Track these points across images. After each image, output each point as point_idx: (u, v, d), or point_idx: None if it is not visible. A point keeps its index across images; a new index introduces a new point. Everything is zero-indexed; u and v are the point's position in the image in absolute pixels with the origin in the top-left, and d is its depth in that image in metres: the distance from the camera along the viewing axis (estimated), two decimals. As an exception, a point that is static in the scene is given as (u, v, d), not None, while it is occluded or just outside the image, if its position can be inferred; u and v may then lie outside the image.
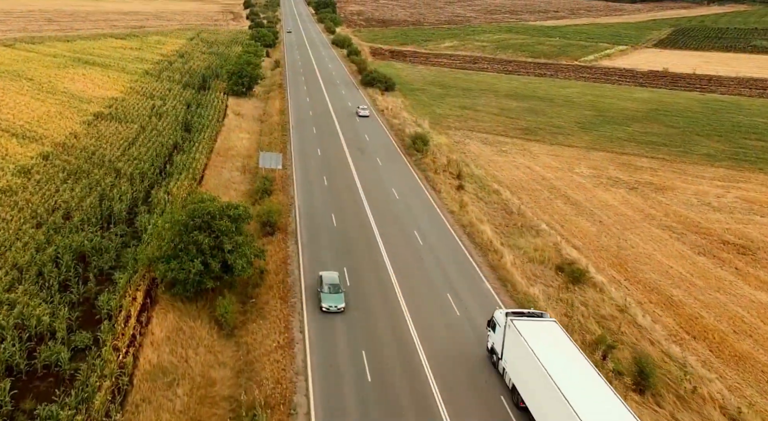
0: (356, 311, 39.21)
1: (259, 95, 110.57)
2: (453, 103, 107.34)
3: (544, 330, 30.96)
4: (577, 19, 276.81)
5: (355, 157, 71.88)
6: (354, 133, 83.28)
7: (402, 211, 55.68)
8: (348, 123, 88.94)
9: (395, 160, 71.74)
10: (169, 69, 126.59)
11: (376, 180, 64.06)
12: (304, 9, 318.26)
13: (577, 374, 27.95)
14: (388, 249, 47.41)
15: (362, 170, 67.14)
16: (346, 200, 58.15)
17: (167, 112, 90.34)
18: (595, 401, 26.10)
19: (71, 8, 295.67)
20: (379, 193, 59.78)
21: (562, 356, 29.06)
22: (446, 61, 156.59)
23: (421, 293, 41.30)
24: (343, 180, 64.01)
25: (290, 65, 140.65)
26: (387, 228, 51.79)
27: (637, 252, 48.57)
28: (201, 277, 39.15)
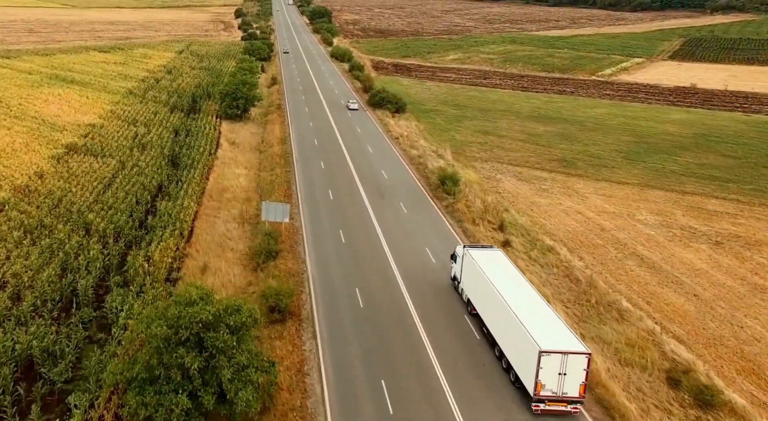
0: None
1: (256, 119, 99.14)
2: (472, 126, 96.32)
3: (491, 257, 40.53)
4: (581, 28, 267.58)
5: (374, 203, 60.59)
6: (369, 168, 72.02)
7: (444, 283, 44.41)
8: (360, 155, 77.67)
9: (422, 205, 60.45)
10: (155, 88, 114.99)
11: (405, 236, 52.75)
12: (298, 18, 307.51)
13: (514, 286, 36.51)
14: (438, 351, 35.27)
15: (385, 221, 55.83)
16: (372, 267, 46.83)
17: (152, 143, 78.73)
18: (526, 303, 34.41)
19: (55, 18, 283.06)
20: (412, 258, 48.40)
21: (504, 274, 37.95)
22: (455, 76, 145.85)
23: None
24: (364, 236, 52.69)
25: (288, 82, 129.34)
26: (429, 311, 40.42)
27: (766, 347, 37.53)
28: (188, 416, 27.71)
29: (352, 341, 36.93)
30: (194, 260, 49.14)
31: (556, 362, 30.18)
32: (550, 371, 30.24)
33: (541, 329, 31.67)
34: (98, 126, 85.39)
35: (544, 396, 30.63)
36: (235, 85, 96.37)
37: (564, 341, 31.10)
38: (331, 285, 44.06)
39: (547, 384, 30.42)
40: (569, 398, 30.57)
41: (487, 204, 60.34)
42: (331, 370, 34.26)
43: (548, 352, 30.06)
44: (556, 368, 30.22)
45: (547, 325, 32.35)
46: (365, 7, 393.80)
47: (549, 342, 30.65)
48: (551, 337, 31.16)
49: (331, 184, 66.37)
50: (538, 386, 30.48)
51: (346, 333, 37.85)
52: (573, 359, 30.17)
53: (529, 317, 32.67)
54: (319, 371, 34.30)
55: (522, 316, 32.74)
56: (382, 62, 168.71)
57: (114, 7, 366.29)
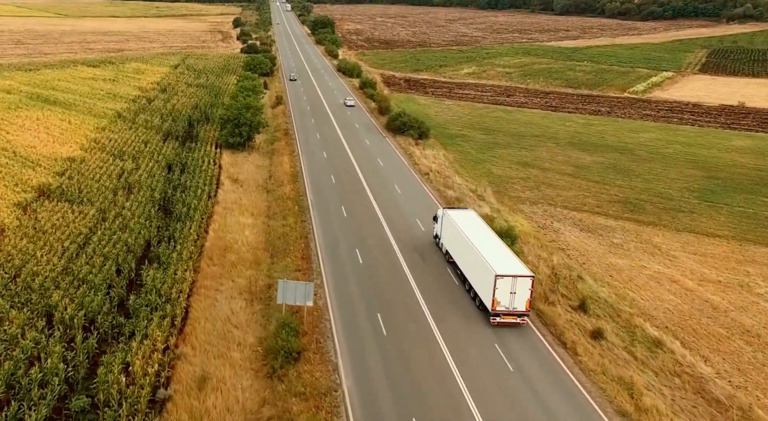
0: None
1: (262, 147, 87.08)
2: (508, 156, 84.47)
3: (465, 215, 49.27)
4: (594, 39, 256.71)
5: (414, 267, 48.55)
6: (400, 216, 60.02)
7: (534, 409, 32.29)
8: (387, 197, 65.69)
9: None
10: (147, 109, 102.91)
11: (462, 320, 40.93)
12: (299, 28, 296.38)
13: (479, 233, 45.36)
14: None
15: (431, 297, 43.72)
16: (427, 376, 34.65)
17: (140, 183, 66.55)
18: (488, 244, 43.32)
19: (45, 28, 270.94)
20: (481, 363, 36.33)
21: (473, 227, 46.77)
22: (474, 93, 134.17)
23: None
24: (408, 320, 40.60)
25: (295, 101, 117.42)
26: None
27: None
28: None
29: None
30: (189, 365, 36.87)
31: (507, 284, 38.48)
32: (504, 291, 38.50)
33: (498, 260, 40.47)
34: (78, 160, 73.17)
35: (500, 311, 38.97)
36: (237, 109, 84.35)
37: (514, 267, 39.92)
38: (380, 411, 31.82)
39: (501, 301, 38.68)
40: (518, 312, 39.13)
41: (554, 268, 48.33)
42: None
43: (502, 275, 38.56)
44: (508, 288, 38.47)
45: (503, 257, 41.27)
46: (366, 16, 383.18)
47: (503, 268, 39.32)
48: (504, 265, 39.97)
49: (358, 239, 54.21)
50: (495, 302, 38.75)
51: None
52: (521, 281, 38.65)
53: (489, 253, 41.41)
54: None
55: (483, 252, 41.46)
56: (393, 77, 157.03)
57: (108, 17, 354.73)
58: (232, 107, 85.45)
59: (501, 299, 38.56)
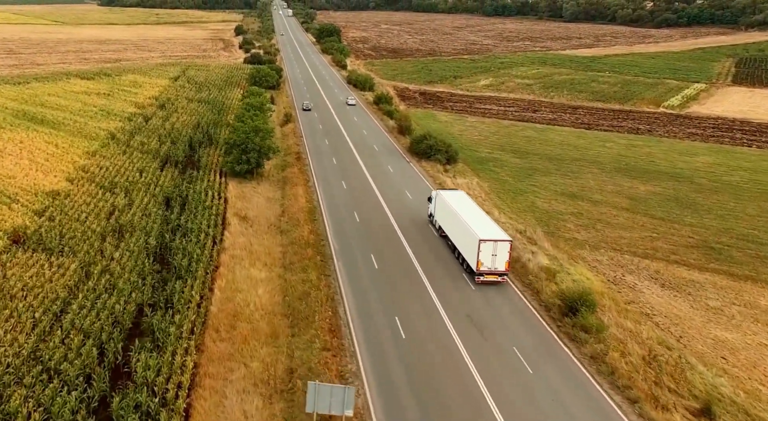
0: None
1: (272, 175, 77.38)
2: (550, 185, 74.80)
3: (456, 195, 56.18)
4: (609, 47, 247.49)
5: (469, 341, 38.68)
6: (441, 267, 50.23)
7: None
8: (419, 239, 55.94)
9: (545, 346, 38.60)
10: (143, 130, 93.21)
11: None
12: (303, 36, 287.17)
13: (467, 208, 52.12)
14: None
15: (504, 399, 33.80)
16: None
17: (133, 224, 56.75)
18: (473, 216, 50.37)
19: (40, 36, 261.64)
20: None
21: (462, 204, 53.27)
22: (497, 109, 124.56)
23: None
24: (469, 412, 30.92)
25: (305, 120, 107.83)
26: None
27: None
28: None
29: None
30: None
31: (489, 247, 45.47)
32: (486, 253, 45.51)
33: (481, 227, 47.84)
34: (63, 195, 63.40)
35: (483, 271, 46.05)
36: (244, 133, 74.65)
37: (495, 233, 47.24)
38: None
39: (484, 262, 45.74)
40: (499, 272, 46.24)
41: (650, 348, 38.45)
42: None
43: (485, 240, 45.64)
44: (490, 251, 45.46)
45: (486, 225, 48.70)
46: (371, 23, 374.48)
47: (485, 234, 46.53)
48: (487, 231, 47.28)
49: (396, 302, 44.35)
50: (479, 263, 45.79)
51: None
52: (501, 245, 45.71)
53: (474, 223, 48.70)
54: None
55: (469, 222, 48.80)
56: (407, 90, 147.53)
57: (106, 24, 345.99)
58: (238, 130, 75.73)
59: (484, 261, 45.50)
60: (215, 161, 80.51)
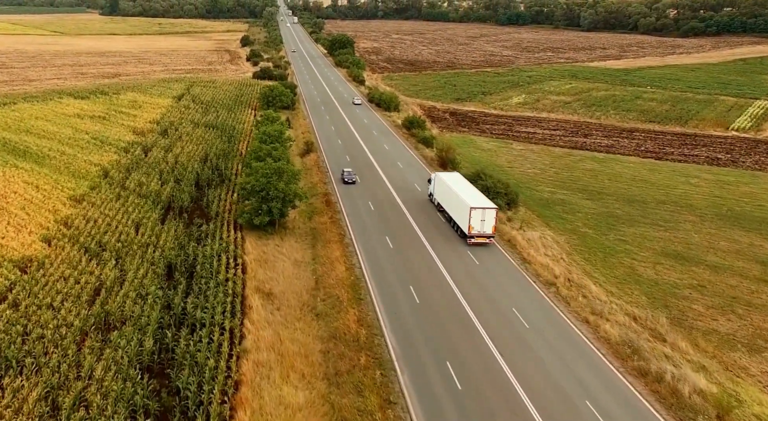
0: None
1: (297, 227, 63.24)
2: (643, 240, 60.49)
3: (452, 176, 66.35)
4: (639, 58, 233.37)
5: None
6: (557, 397, 36.06)
7: None
8: (508, 337, 41.78)
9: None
10: (142, 165, 79.25)
11: None
12: (313, 47, 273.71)
13: (461, 184, 62.73)
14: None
15: None
16: None
17: (124, 314, 42.70)
18: (465, 190, 60.74)
19: (36, 48, 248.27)
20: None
21: (457, 182, 63.56)
22: (542, 133, 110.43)
23: None
24: None
25: (328, 149, 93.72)
26: None
27: None
28: None
29: None
30: None
31: (479, 214, 55.57)
32: (476, 219, 55.63)
33: (472, 198, 58.04)
34: (35, 265, 49.39)
35: (474, 234, 56.10)
36: (264, 176, 60.57)
37: (483, 202, 57.35)
38: None
39: (475, 227, 55.79)
40: (487, 235, 56.26)
41: None
42: None
43: (475, 207, 55.66)
44: (479, 217, 55.60)
45: (475, 197, 58.94)
46: (381, 32, 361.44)
47: (475, 203, 56.61)
48: (476, 201, 57.35)
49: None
50: (470, 228, 55.83)
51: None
52: (488, 212, 55.67)
53: (466, 195, 58.95)
54: None
55: (462, 194, 59.01)
56: (435, 109, 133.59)
57: (107, 34, 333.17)
58: (257, 173, 61.62)
59: (474, 225, 55.90)
60: (228, 207, 66.54)
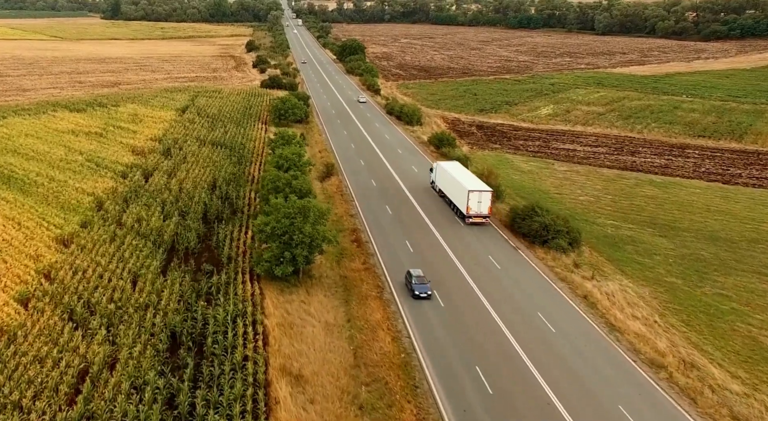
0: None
1: (325, 275, 53.07)
2: (750, 295, 50.10)
3: (452, 164, 73.53)
4: (663, 64, 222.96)
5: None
6: None
7: None
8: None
9: None
10: (142, 193, 69.15)
11: None
12: (321, 53, 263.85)
13: (460, 171, 69.38)
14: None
15: None
16: None
17: (113, 413, 32.63)
18: (464, 176, 67.36)
19: (34, 54, 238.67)
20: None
21: (456, 169, 70.34)
22: (583, 150, 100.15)
23: None
24: None
25: (350, 171, 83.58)
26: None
27: None
28: None
29: None
30: None
31: (476, 196, 62.59)
32: (473, 201, 62.59)
33: (469, 182, 65.03)
34: (5, 340, 39.37)
35: (471, 214, 62.92)
36: (287, 216, 50.43)
37: (480, 186, 64.04)
38: None
39: (472, 208, 62.70)
40: (483, 215, 63.10)
41: None
42: None
43: (472, 190, 62.69)
44: (477, 199, 62.59)
45: (472, 181, 65.81)
46: (389, 37, 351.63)
47: (472, 186, 63.63)
48: (473, 184, 64.35)
49: None
50: (468, 209, 62.73)
51: None
52: (484, 194, 62.85)
53: (464, 180, 65.46)
54: None
55: (461, 179, 65.62)
56: (459, 122, 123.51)
57: (108, 39, 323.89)
58: (278, 212, 51.51)
59: (472, 206, 62.77)
60: (242, 249, 56.46)
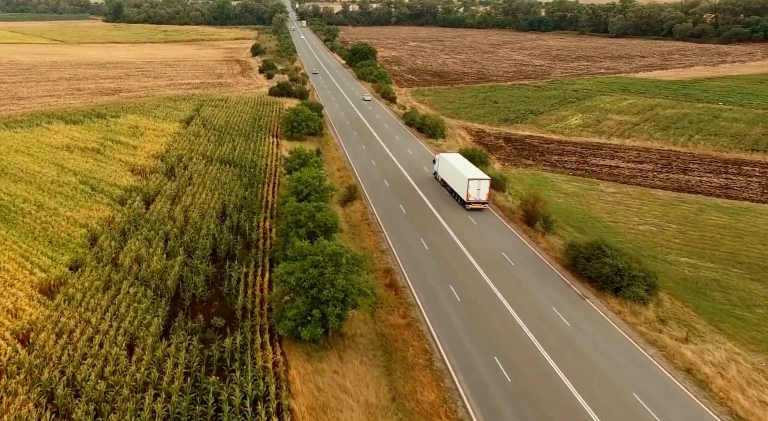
0: None
1: (359, 332, 44.15)
2: None
3: (453, 156, 79.58)
4: (687, 68, 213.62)
5: None
6: None
7: None
8: None
9: None
10: (142, 224, 60.32)
11: None
12: (329, 57, 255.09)
13: (461, 163, 74.81)
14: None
15: None
16: None
17: None
18: (464, 166, 73.19)
19: (32, 59, 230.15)
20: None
21: (457, 160, 76.17)
22: (627, 167, 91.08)
23: None
24: None
25: (375, 196, 74.85)
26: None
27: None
28: None
29: None
30: None
31: (475, 184, 68.05)
32: (473, 188, 67.99)
33: (469, 171, 70.82)
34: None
35: (471, 201, 68.31)
36: (316, 267, 41.59)
37: (479, 175, 69.85)
38: None
39: (472, 195, 68.05)
40: (482, 201, 68.54)
41: None
42: None
43: (472, 178, 68.18)
44: (476, 187, 68.01)
45: (472, 170, 71.58)
46: (397, 40, 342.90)
47: (472, 175, 69.26)
48: (473, 173, 69.90)
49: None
50: (468, 195, 68.09)
51: None
52: (483, 182, 68.32)
53: (464, 169, 71.26)
54: None
55: (461, 169, 71.39)
56: (484, 134, 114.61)
57: (110, 43, 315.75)
58: (303, 257, 42.69)
59: (472, 193, 68.21)
60: (258, 297, 47.65)
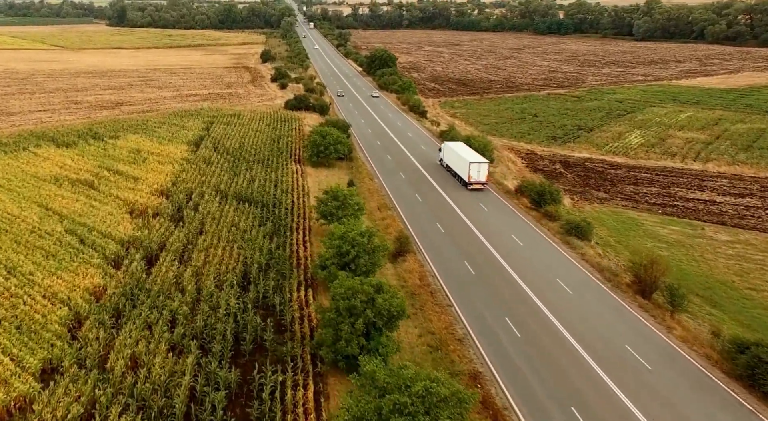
0: None
1: None
2: None
3: (458, 145, 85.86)
4: (734, 75, 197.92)
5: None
6: None
7: None
8: None
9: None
10: (143, 299, 45.72)
11: None
12: (344, 64, 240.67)
13: (463, 149, 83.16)
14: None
15: None
16: None
17: None
18: (466, 152, 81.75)
19: (30, 67, 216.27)
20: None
21: (464, 149, 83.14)
22: (726, 202, 76.20)
23: None
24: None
25: (430, 245, 60.23)
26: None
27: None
28: None
29: None
30: None
31: (476, 167, 76.50)
32: (473, 170, 76.46)
33: (470, 156, 79.26)
34: None
35: (472, 182, 76.86)
36: (400, 412, 27.18)
37: (479, 158, 78.48)
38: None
39: (472, 176, 76.52)
40: (482, 182, 77.12)
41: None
42: None
43: (472, 162, 76.61)
44: (476, 169, 76.48)
45: (473, 155, 79.92)
46: (412, 44, 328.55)
47: (472, 158, 77.89)
48: (473, 158, 78.36)
49: None
50: (469, 177, 76.66)
51: None
52: (482, 165, 76.97)
53: (466, 154, 79.76)
54: None
55: (464, 154, 79.70)
56: (534, 155, 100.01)
57: (113, 48, 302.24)
58: (375, 385, 28.23)
59: (472, 175, 76.60)
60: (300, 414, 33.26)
